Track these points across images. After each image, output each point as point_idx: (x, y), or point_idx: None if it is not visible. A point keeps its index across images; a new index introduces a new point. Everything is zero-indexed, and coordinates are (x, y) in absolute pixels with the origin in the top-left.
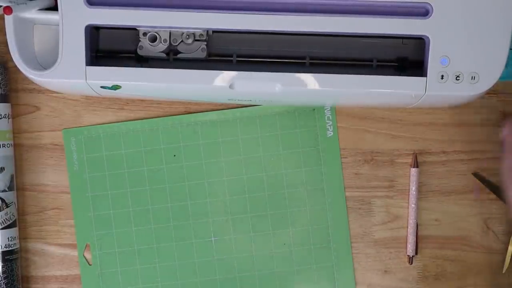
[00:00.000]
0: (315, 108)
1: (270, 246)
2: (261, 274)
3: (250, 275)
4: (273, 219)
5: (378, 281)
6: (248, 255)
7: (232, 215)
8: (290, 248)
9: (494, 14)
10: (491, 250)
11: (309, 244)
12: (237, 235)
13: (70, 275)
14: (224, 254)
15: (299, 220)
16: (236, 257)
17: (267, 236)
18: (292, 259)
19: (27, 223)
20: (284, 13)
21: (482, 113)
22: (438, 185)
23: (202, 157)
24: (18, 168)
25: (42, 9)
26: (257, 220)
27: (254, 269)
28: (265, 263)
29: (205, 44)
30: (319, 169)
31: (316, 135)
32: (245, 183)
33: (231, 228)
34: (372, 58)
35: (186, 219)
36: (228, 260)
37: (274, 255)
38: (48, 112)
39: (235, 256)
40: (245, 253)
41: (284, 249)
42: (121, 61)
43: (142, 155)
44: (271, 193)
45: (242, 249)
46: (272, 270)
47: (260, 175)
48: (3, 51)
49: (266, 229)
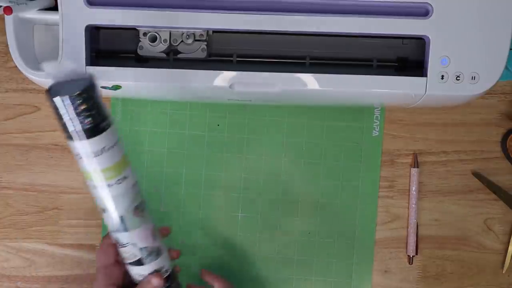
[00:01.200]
0: (365, 106)
1: (294, 232)
2: (281, 258)
3: (271, 257)
4: (302, 206)
5: (378, 281)
6: (271, 237)
7: (262, 195)
8: (314, 237)
9: (494, 14)
10: (491, 250)
11: (333, 238)
12: (264, 215)
13: (70, 275)
14: (248, 232)
15: (328, 212)
16: (260, 237)
17: (293, 222)
18: (314, 249)
19: (27, 223)
20: (284, 13)
21: (482, 113)
22: (438, 185)
23: (246, 132)
24: (18, 168)
25: (42, 9)
26: (286, 204)
27: (275, 252)
28: (287, 248)
29: (205, 44)
30: (357, 166)
31: (361, 132)
32: (282, 166)
33: (259, 207)
34: (372, 58)
35: (216, 190)
36: (252, 239)
37: (297, 242)
38: (48, 112)
39: (258, 236)
40: (269, 234)
41: (308, 237)
42: (121, 61)
43: (187, 117)
44: (305, 180)
45: (265, 230)
46: (292, 256)
47: (299, 160)
48: (3, 51)
49: (294, 215)
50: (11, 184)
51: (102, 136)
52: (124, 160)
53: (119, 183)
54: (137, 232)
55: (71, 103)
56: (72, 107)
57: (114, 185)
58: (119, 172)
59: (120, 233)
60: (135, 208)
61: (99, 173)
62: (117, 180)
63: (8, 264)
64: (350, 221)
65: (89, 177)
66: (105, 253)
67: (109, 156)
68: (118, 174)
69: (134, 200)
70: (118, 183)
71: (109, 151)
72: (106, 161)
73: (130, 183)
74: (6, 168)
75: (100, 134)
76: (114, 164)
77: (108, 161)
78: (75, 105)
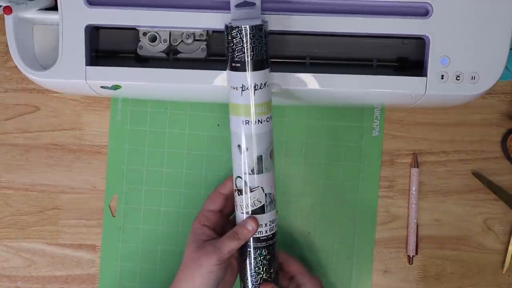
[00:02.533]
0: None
1: (294, 233)
2: None
3: None
4: (303, 206)
5: (378, 281)
6: None
7: None
8: (314, 238)
9: (494, 14)
10: (491, 250)
11: (334, 238)
12: None
13: (70, 275)
14: None
15: (328, 212)
16: None
17: (293, 222)
18: (314, 249)
19: (27, 223)
20: (284, 13)
21: (482, 113)
22: (438, 185)
23: None
24: (18, 168)
25: (42, 9)
26: (286, 204)
27: None
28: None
29: (205, 44)
30: (357, 166)
31: (361, 132)
32: (282, 166)
33: None
34: (372, 58)
35: None
36: None
37: (296, 242)
38: (48, 112)
39: None
40: None
41: (308, 238)
42: (121, 61)
43: (186, 117)
44: (306, 180)
45: None
46: None
47: (299, 160)
48: (3, 51)
49: (293, 215)
50: (11, 184)
51: (266, 72)
52: (271, 103)
53: (267, 121)
54: (268, 175)
55: (255, 33)
56: (255, 36)
57: (263, 123)
58: (270, 110)
59: (252, 176)
60: (271, 151)
61: (257, 107)
62: (267, 117)
63: (8, 264)
64: (350, 221)
65: (243, 111)
66: (213, 201)
67: (266, 92)
68: (269, 111)
69: (271, 143)
70: (267, 121)
71: (267, 88)
72: (264, 96)
73: (271, 126)
74: (6, 168)
75: (265, 69)
76: (268, 101)
77: (265, 97)
78: (256, 36)
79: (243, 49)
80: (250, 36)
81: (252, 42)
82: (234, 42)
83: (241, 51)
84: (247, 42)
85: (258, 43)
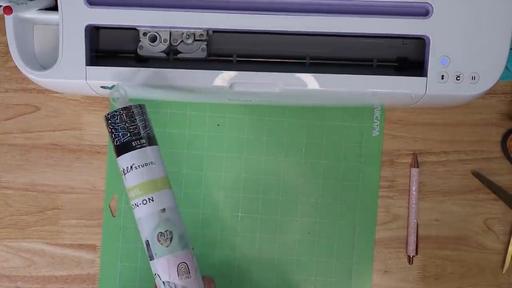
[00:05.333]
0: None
1: (294, 232)
2: (281, 258)
3: (271, 257)
4: (302, 206)
5: (378, 281)
6: (271, 236)
7: (263, 195)
8: (314, 237)
9: (494, 14)
10: (491, 250)
11: (333, 238)
12: (264, 215)
13: (70, 275)
14: (248, 233)
15: (328, 212)
16: (260, 237)
17: (293, 222)
18: (314, 249)
19: (27, 223)
20: (284, 13)
21: (482, 113)
22: (438, 185)
23: (245, 132)
24: (18, 168)
25: (42, 9)
26: (286, 204)
27: (275, 252)
28: (287, 248)
29: (205, 44)
30: (357, 166)
31: (361, 132)
32: (282, 166)
33: (259, 207)
34: (372, 58)
35: (216, 190)
36: (252, 239)
37: (297, 242)
38: (48, 112)
39: (258, 236)
40: (269, 234)
41: (308, 237)
42: (121, 61)
43: (186, 117)
44: (306, 180)
45: (267, 230)
46: (292, 256)
47: (299, 160)
48: (3, 51)
49: (294, 215)
50: (11, 184)
51: (133, 153)
52: (155, 183)
53: (144, 203)
54: (161, 262)
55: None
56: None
57: (140, 206)
58: (147, 191)
59: (150, 261)
60: (159, 234)
61: (129, 191)
62: (143, 200)
63: (8, 264)
64: (350, 221)
65: None
66: None
67: (138, 174)
68: (145, 193)
69: (158, 226)
70: (143, 204)
71: (140, 169)
72: (135, 178)
73: (157, 208)
74: (6, 168)
75: (132, 151)
76: (143, 182)
77: (136, 179)
78: (113, 122)
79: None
80: (108, 123)
81: (113, 129)
82: None
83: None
84: (108, 129)
85: (120, 128)
